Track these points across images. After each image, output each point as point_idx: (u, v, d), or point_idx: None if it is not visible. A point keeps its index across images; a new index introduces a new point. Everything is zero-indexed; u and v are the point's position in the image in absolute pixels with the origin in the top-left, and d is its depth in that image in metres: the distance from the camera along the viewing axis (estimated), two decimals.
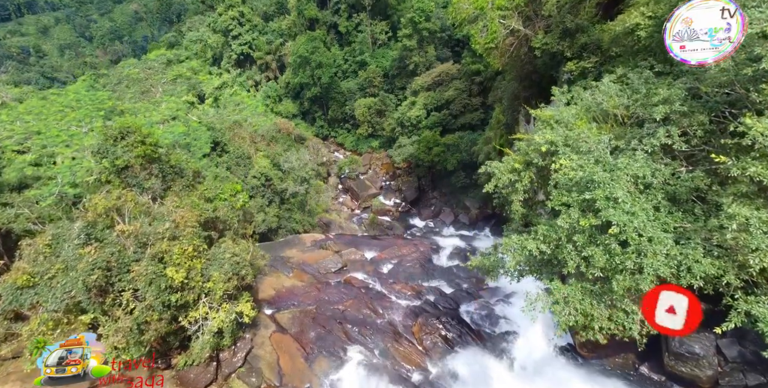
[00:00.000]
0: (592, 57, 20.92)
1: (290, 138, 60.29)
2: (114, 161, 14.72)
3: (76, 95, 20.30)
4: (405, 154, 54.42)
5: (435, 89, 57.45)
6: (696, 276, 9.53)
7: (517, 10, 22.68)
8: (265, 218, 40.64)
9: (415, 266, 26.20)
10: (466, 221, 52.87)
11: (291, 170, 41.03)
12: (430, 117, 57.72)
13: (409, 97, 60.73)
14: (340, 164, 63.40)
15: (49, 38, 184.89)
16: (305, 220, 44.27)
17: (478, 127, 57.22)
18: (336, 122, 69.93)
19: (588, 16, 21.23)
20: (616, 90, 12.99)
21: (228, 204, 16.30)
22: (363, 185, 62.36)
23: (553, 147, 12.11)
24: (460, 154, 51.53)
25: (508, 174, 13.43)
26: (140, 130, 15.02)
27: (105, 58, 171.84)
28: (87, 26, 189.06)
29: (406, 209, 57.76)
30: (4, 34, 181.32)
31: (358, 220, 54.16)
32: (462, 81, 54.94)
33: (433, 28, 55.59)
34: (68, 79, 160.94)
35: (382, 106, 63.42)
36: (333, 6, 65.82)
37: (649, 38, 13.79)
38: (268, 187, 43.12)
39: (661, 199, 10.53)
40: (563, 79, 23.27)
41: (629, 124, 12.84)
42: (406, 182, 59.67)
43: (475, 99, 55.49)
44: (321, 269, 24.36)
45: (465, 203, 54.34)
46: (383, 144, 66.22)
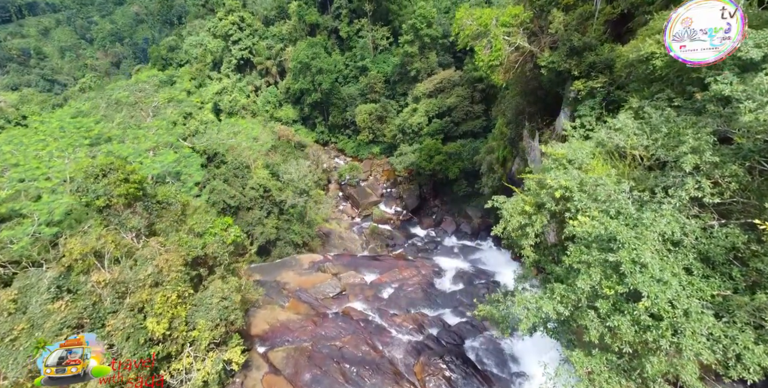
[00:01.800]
0: (600, 77, 19.92)
1: (290, 145, 59.49)
2: (94, 201, 13.84)
3: (59, 123, 19.20)
4: (406, 163, 53.48)
5: (436, 96, 56.45)
6: (748, 368, 8.19)
7: (522, 26, 21.65)
8: (263, 230, 39.87)
9: (416, 290, 25.23)
10: (468, 231, 51.91)
11: (290, 182, 40.15)
12: (432, 124, 56.75)
13: (410, 103, 59.77)
14: (341, 171, 62.54)
15: (49, 40, 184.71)
16: (304, 231, 43.44)
17: (480, 134, 56.22)
18: (337, 128, 69.07)
19: (596, 35, 20.21)
20: (634, 128, 11.95)
21: (219, 239, 15.36)
22: (363, 193, 61.47)
23: (568, 192, 11.16)
24: (462, 163, 50.57)
25: (518, 216, 12.36)
26: (124, 168, 14.01)
27: (106, 60, 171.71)
28: (88, 28, 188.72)
29: (407, 218, 56.83)
30: (5, 36, 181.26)
31: (359, 229, 53.28)
32: (464, 88, 53.91)
33: (434, 34, 54.55)
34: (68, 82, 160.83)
35: (383, 113, 62.48)
36: (334, 11, 64.83)
37: (666, 68, 12.75)
38: (266, 198, 42.29)
39: (693, 259, 9.33)
40: (570, 98, 22.26)
41: (650, 166, 11.83)
42: (407, 190, 58.72)
43: (478, 106, 54.47)
44: (319, 294, 23.43)
45: (467, 211, 53.38)
46: (384, 150, 65.33)
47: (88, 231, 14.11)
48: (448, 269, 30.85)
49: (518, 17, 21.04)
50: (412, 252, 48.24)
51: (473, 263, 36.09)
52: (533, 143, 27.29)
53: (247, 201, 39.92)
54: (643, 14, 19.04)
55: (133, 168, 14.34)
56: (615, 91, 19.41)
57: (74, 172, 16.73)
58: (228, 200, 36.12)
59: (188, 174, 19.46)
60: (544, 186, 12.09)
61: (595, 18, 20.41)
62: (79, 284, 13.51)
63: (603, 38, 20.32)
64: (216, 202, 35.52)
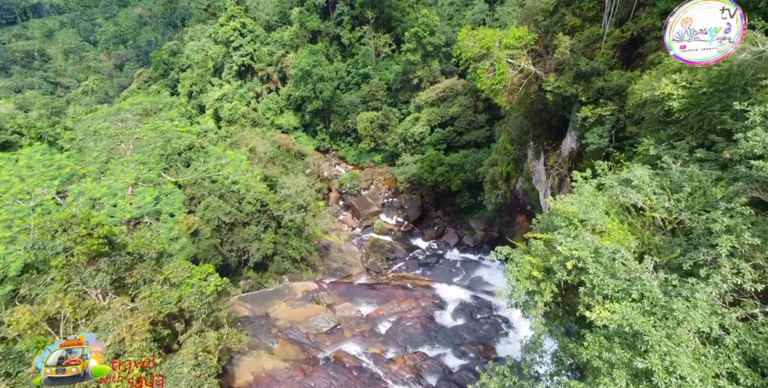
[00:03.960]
0: (609, 104, 18.97)
1: (290, 154, 58.76)
2: (50, 259, 12.66)
3: (27, 161, 17.74)
4: (408, 174, 52.59)
5: (439, 105, 55.52)
6: None
7: (527, 48, 20.71)
8: (260, 246, 39.13)
9: (415, 325, 24.17)
10: (471, 244, 50.88)
11: (287, 197, 39.35)
12: (434, 133, 55.84)
13: (412, 112, 58.88)
14: (342, 180, 61.70)
15: (53, 42, 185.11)
16: (302, 246, 42.68)
17: (483, 144, 55.22)
18: (338, 135, 68.32)
19: (604, 59, 19.26)
20: (653, 187, 10.81)
21: (196, 290, 14.25)
22: (364, 202, 60.62)
23: (581, 263, 9.91)
24: (465, 174, 49.61)
25: (524, 281, 11.11)
26: (87, 221, 12.83)
27: (109, 62, 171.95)
28: (92, 30, 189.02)
29: (408, 229, 55.87)
30: (9, 38, 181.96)
31: (359, 242, 52.40)
32: (467, 97, 52.94)
33: (437, 42, 53.62)
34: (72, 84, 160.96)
35: (384, 121, 61.63)
36: (336, 18, 64.04)
37: (685, 111, 11.70)
38: (264, 212, 41.56)
39: (737, 362, 7.78)
40: (577, 123, 21.25)
41: (673, 229, 10.64)
42: (408, 200, 57.82)
43: (481, 116, 53.48)
44: (312, 329, 22.44)
45: (470, 223, 52.38)
46: (386, 158, 64.50)
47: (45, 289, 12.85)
48: (449, 300, 29.46)
49: (522, 39, 20.10)
50: (413, 266, 47.30)
51: (475, 289, 34.60)
52: (538, 166, 26.35)
53: (243, 216, 39.17)
54: (655, 40, 18.07)
55: (98, 221, 12.99)
56: (625, 121, 18.44)
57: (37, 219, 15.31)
58: (223, 216, 35.39)
59: (168, 213, 18.21)
60: (554, 252, 10.79)
61: (604, 42, 19.46)
62: (21, 365, 12.13)
63: (612, 63, 19.36)
64: (210, 219, 34.79)
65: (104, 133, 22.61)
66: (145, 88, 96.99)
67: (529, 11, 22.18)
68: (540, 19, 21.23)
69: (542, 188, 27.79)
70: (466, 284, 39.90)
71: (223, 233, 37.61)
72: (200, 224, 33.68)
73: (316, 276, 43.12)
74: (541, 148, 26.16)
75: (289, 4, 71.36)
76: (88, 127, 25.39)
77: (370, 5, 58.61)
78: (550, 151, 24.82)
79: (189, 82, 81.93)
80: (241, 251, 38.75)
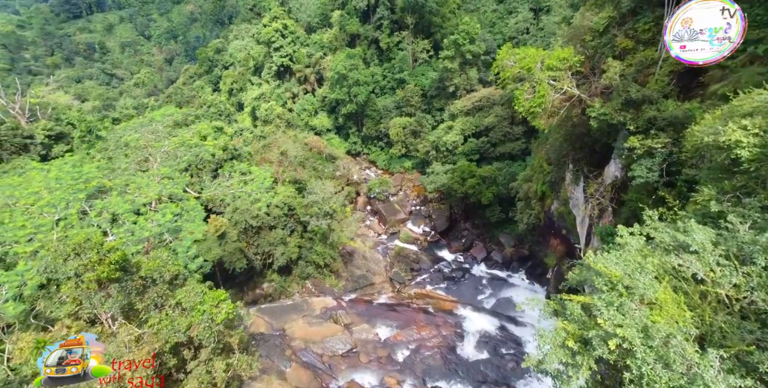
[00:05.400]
0: (661, 135, 17.29)
1: (321, 157, 59.12)
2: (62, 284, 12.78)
3: (58, 172, 18.06)
4: (437, 183, 51.48)
5: (474, 114, 53.95)
6: None
7: (571, 70, 19.31)
8: (284, 250, 39.38)
9: (435, 356, 23.03)
10: (500, 259, 49.08)
11: (314, 203, 39.39)
12: (467, 143, 54.36)
13: (446, 120, 57.64)
14: (370, 185, 61.39)
15: (113, 36, 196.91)
16: (326, 253, 42.67)
17: (518, 157, 53.21)
18: (370, 139, 68.14)
19: (658, 86, 17.61)
20: (716, 256, 9.20)
21: (207, 317, 14.00)
22: (392, 209, 60.05)
23: (627, 344, 8.55)
24: (497, 188, 47.90)
25: (557, 350, 9.80)
26: (100, 245, 12.87)
27: (160, 56, 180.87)
28: (147, 25, 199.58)
29: (435, 239, 54.75)
30: (75, 31, 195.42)
31: (383, 250, 51.87)
32: (504, 108, 51.09)
33: (476, 50, 52.05)
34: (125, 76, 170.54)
35: (417, 127, 60.78)
36: (376, 21, 63.67)
37: (756, 162, 10.14)
38: (291, 216, 41.82)
39: None
40: (623, 152, 19.57)
41: (741, 309, 9.10)
42: (437, 210, 56.67)
43: (517, 128, 51.50)
44: (327, 350, 22.02)
45: (499, 238, 50.57)
46: (416, 165, 63.65)
47: (60, 307, 12.90)
48: (472, 330, 27.83)
49: (567, 61, 18.73)
50: (437, 279, 46.18)
51: (501, 313, 32.50)
52: (576, 192, 24.75)
53: (270, 220, 39.52)
54: (719, 68, 16.27)
55: (111, 245, 12.98)
56: (678, 155, 16.72)
57: (60, 232, 15.57)
58: (250, 219, 35.81)
59: (189, 231, 18.14)
60: (593, 320, 9.37)
61: (659, 67, 17.78)
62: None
63: (667, 91, 17.66)
64: (238, 221, 35.30)
65: (134, 145, 23.18)
66: (190, 83, 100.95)
67: (576, 30, 20.68)
68: (588, 40, 19.72)
69: (579, 215, 26.12)
70: (492, 304, 38.38)
71: (249, 236, 38.13)
72: (228, 227, 34.27)
73: (338, 283, 43.02)
74: (581, 174, 24.51)
75: (331, 7, 71.75)
76: (119, 138, 26.13)
77: (410, 10, 57.77)
78: (590, 178, 23.17)
79: (230, 79, 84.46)
80: (266, 254, 39.15)
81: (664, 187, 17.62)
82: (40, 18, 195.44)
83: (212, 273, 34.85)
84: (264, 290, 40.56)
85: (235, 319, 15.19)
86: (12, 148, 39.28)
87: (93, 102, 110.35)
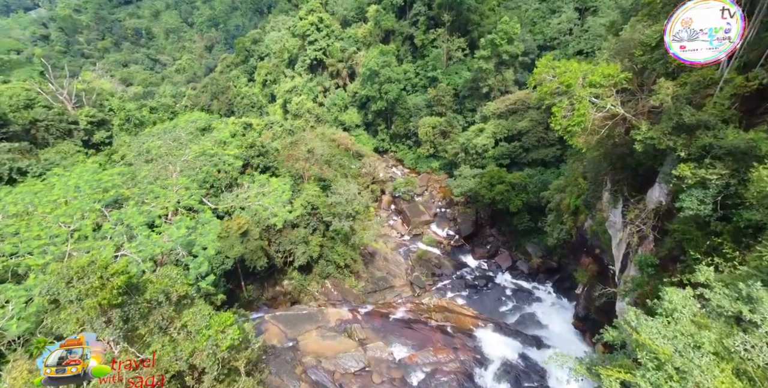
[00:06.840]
0: (718, 165, 15.57)
1: (348, 154, 58.80)
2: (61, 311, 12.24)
3: (77, 180, 17.96)
4: (464, 188, 50.09)
5: (507, 117, 51.87)
6: None
7: (616, 87, 17.73)
8: (305, 249, 39.51)
9: (451, 382, 21.89)
10: (525, 270, 47.34)
11: (337, 204, 39.16)
12: (498, 147, 52.44)
13: (478, 121, 55.79)
14: (396, 184, 60.68)
15: (158, 22, 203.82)
16: (347, 253, 42.57)
17: (551, 164, 50.88)
18: (398, 137, 67.23)
19: (717, 110, 15.84)
20: None
21: (211, 343, 13.63)
22: (416, 210, 59.21)
23: None
24: (527, 196, 46.05)
25: None
26: (104, 269, 12.24)
27: (201, 43, 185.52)
28: (190, 12, 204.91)
29: (458, 244, 53.53)
30: (125, 16, 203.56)
31: (405, 252, 51.26)
32: (539, 112, 48.77)
33: (514, 51, 49.72)
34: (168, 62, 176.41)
35: (447, 127, 59.28)
36: (412, 17, 62.13)
37: None
38: (314, 215, 41.84)
39: None
40: (671, 178, 17.79)
41: None
42: (462, 214, 55.27)
43: (553, 133, 48.91)
44: (338, 368, 21.50)
45: (526, 248, 48.71)
46: (444, 166, 62.29)
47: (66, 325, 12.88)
48: (492, 356, 26.44)
49: (612, 78, 17.17)
50: (459, 286, 45.12)
51: (525, 332, 30.40)
52: (614, 215, 23.09)
53: (293, 218, 39.64)
54: None
55: (116, 269, 12.82)
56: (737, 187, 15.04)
57: (73, 245, 15.59)
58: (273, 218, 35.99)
59: (202, 245, 17.86)
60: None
61: (719, 88, 15.97)
62: None
63: (727, 116, 15.84)
64: (261, 219, 35.56)
65: (155, 152, 23.44)
66: (227, 72, 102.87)
67: (624, 43, 18.90)
68: (637, 54, 17.99)
69: (616, 237, 24.44)
70: (515, 320, 36.93)
71: (271, 234, 38.45)
72: (250, 225, 34.58)
73: (358, 284, 42.94)
74: (620, 195, 22.79)
75: (368, 1, 70.58)
76: (141, 144, 26.52)
77: (448, 7, 55.81)
78: (631, 202, 21.46)
79: (265, 70, 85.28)
80: (288, 252, 39.43)
81: (718, 221, 15.96)
82: (95, 2, 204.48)
83: (233, 270, 35.47)
84: (284, 288, 41.01)
85: (242, 343, 14.96)
86: (57, 132, 41.30)
87: (136, 88, 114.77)
